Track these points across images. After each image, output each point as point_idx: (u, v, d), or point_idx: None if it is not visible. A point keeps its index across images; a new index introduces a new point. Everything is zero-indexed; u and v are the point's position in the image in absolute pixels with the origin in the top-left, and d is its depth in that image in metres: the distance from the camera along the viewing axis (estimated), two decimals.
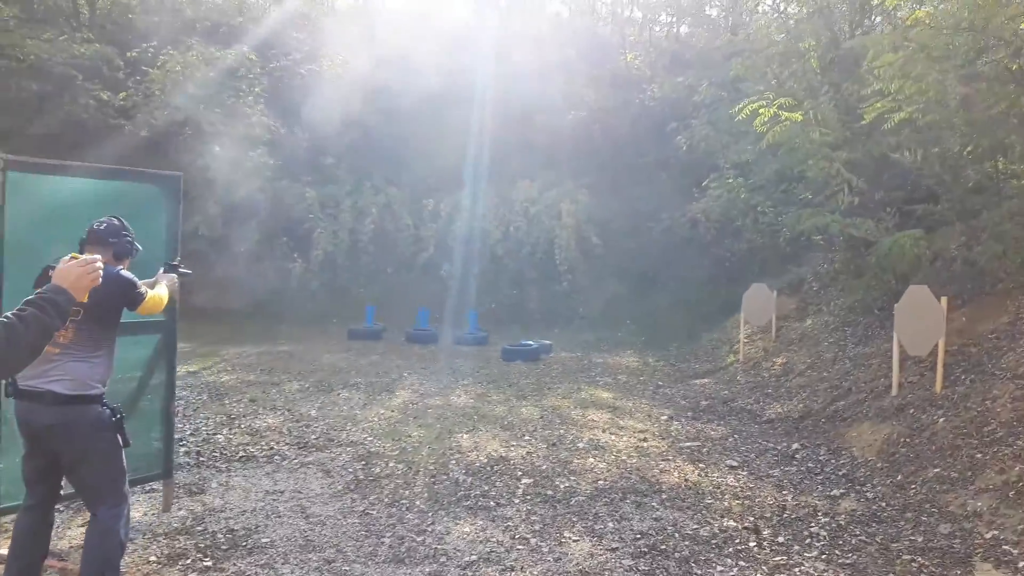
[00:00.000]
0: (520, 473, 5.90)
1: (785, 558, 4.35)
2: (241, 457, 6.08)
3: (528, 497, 5.35)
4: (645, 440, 7.02)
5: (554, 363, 11.85)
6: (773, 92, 8.85)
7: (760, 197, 12.95)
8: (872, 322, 8.95)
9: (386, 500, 5.16)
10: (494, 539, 4.54)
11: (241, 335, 13.78)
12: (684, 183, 17.27)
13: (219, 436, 6.68)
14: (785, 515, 5.05)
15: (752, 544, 4.56)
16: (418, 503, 5.13)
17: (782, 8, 14.33)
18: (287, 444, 6.52)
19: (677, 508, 5.18)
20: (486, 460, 6.21)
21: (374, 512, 4.92)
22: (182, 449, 6.16)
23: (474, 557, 4.26)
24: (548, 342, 13.14)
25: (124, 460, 3.46)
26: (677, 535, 4.69)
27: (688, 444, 6.91)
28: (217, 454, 6.13)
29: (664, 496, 5.42)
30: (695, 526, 4.84)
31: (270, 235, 16.95)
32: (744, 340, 11.36)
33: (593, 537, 4.64)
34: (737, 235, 15.70)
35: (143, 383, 4.45)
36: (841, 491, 5.50)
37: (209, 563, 4.01)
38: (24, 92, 15.09)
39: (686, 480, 5.80)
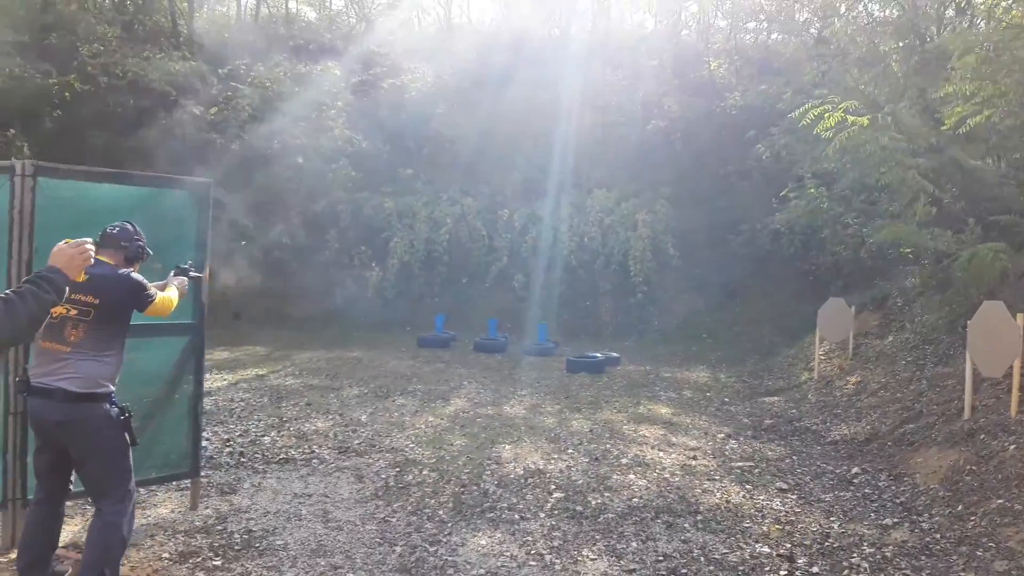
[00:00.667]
0: (553, 487, 5.75)
1: None
2: (280, 459, 6.19)
3: (555, 512, 5.20)
4: (694, 458, 6.73)
5: (619, 376, 11.59)
6: (840, 96, 8.35)
7: (842, 207, 12.32)
8: (955, 341, 8.30)
9: (409, 508, 5.13)
10: (508, 553, 4.42)
11: (315, 341, 14.17)
12: (766, 193, 16.68)
13: (266, 438, 6.83)
14: (827, 543, 4.71)
15: (783, 572, 4.26)
16: (441, 513, 5.07)
17: (868, 10, 13.63)
18: (328, 448, 6.60)
19: (710, 531, 4.91)
20: (522, 472, 6.10)
21: (394, 520, 4.89)
22: (227, 449, 6.34)
23: (482, 571, 4.15)
24: (616, 354, 12.89)
25: (131, 458, 3.54)
26: (702, 559, 4.44)
27: (740, 464, 6.58)
28: (259, 455, 6.27)
29: (699, 518, 5.16)
30: (725, 551, 4.57)
31: (349, 245, 17.40)
32: (821, 357, 10.79)
33: (612, 557, 4.45)
34: (821, 247, 15.01)
35: (172, 384, 4.58)
36: (894, 520, 5.09)
37: (218, 562, 4.07)
38: (122, 108, 16.08)
39: (728, 502, 5.51)
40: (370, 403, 8.73)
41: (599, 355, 12.41)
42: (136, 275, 3.63)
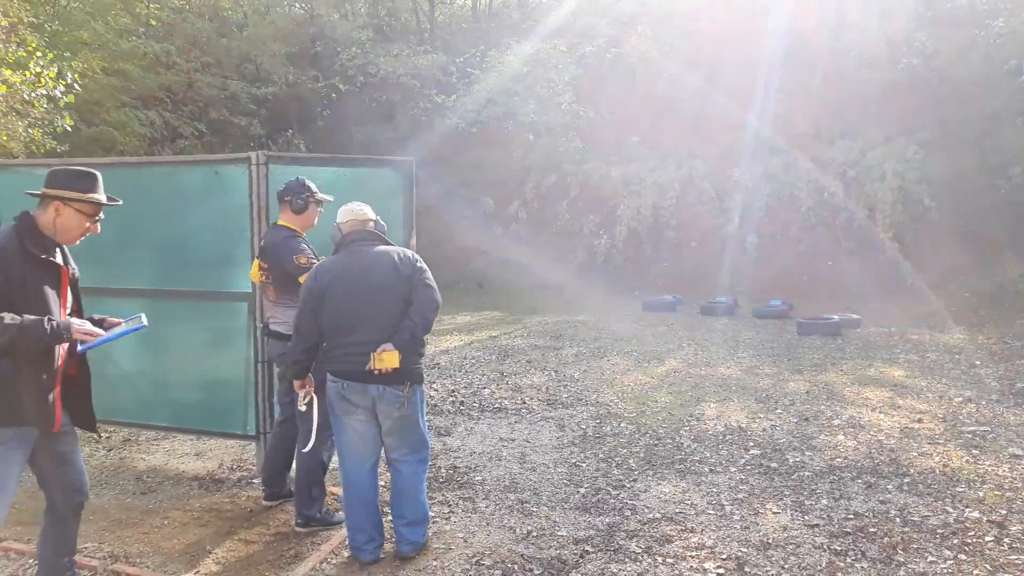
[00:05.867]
0: (751, 444, 5.71)
1: (1021, 557, 3.69)
2: (494, 408, 6.79)
3: (747, 467, 5.19)
4: (919, 421, 6.24)
5: (856, 338, 10.84)
6: None
7: None
8: None
9: (601, 456, 5.42)
10: (688, 501, 4.55)
11: (547, 307, 14.89)
12: None
13: (485, 390, 7.50)
14: None
15: (988, 539, 3.93)
16: (631, 462, 5.30)
17: None
18: (538, 400, 7.09)
19: (915, 493, 4.62)
20: (723, 429, 6.11)
21: (584, 465, 5.21)
22: (449, 399, 7.08)
23: (658, 515, 4.33)
24: (856, 316, 12.04)
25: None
26: (898, 519, 4.22)
27: (972, 428, 5.99)
28: (476, 404, 6.93)
29: (907, 480, 4.85)
30: (926, 513, 4.30)
31: (578, 215, 17.91)
32: None
33: (797, 512, 4.39)
34: None
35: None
36: None
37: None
38: (377, 103, 17.94)
39: (945, 466, 5.10)
40: (585, 361, 9.12)
41: (834, 317, 11.68)
42: (296, 244, 4.02)
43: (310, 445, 3.84)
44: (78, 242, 3.03)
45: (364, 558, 3.70)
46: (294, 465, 4.25)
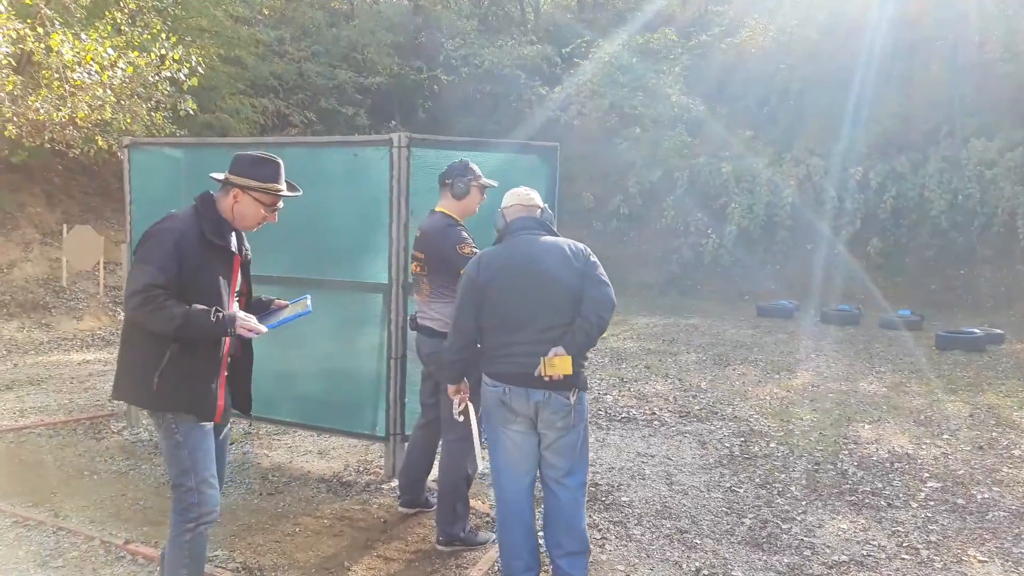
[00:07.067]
0: (927, 475, 5.04)
1: None
2: (623, 418, 6.31)
3: (931, 503, 4.54)
4: None
5: (1004, 355, 9.83)
6: None
7: None
8: None
9: (757, 480, 4.87)
10: (875, 542, 3.96)
11: (652, 307, 14.28)
12: None
13: (608, 396, 7.03)
14: None
15: None
16: (792, 489, 4.73)
17: None
18: (669, 411, 6.57)
19: None
20: (887, 455, 5.45)
21: (741, 491, 4.68)
22: None
23: (844, 557, 3.77)
24: (999, 331, 10.95)
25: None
26: None
27: None
28: (602, 412, 6.46)
29: None
30: None
31: (685, 211, 17.17)
32: None
33: (1008, 562, 3.75)
34: None
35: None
36: None
37: None
38: (480, 94, 17.67)
39: None
40: (708, 369, 8.53)
41: (976, 330, 10.65)
42: (458, 234, 3.61)
43: (480, 464, 3.45)
44: (256, 230, 2.91)
45: None
46: (435, 473, 3.89)
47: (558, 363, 3.04)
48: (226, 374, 2.88)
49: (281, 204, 2.90)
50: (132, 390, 2.80)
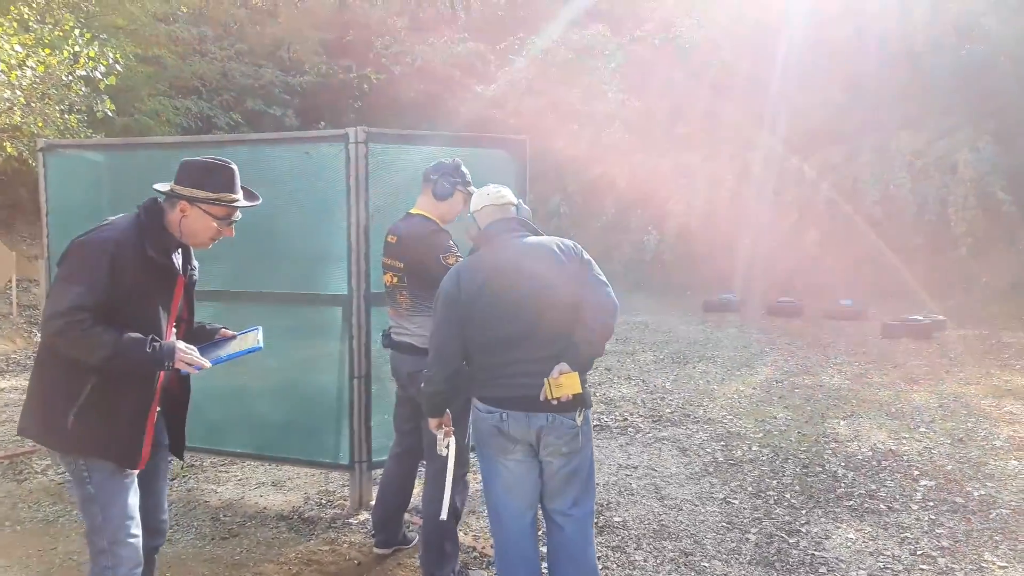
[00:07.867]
0: (917, 473, 4.89)
1: None
2: (595, 426, 5.98)
3: (930, 504, 4.36)
4: None
5: (950, 342, 9.98)
6: None
7: None
8: None
9: (749, 489, 4.61)
10: (887, 552, 3.73)
11: None
12: None
13: None
14: None
15: None
16: (788, 496, 4.48)
17: None
18: (641, 416, 6.29)
19: None
20: (870, 453, 5.28)
21: (736, 502, 4.40)
22: None
23: (862, 572, 3.52)
24: (941, 317, 11.16)
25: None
26: None
27: None
28: None
29: None
30: None
31: (625, 208, 17.07)
32: None
33: None
34: None
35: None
36: None
37: None
38: (414, 93, 17.15)
39: None
40: (669, 369, 8.32)
41: (922, 317, 10.82)
42: (441, 240, 3.22)
43: (445, 510, 3.00)
44: (210, 246, 2.46)
45: None
46: (421, 510, 3.46)
47: (565, 382, 2.65)
48: (159, 409, 2.45)
49: (238, 216, 2.47)
50: (41, 427, 2.34)
